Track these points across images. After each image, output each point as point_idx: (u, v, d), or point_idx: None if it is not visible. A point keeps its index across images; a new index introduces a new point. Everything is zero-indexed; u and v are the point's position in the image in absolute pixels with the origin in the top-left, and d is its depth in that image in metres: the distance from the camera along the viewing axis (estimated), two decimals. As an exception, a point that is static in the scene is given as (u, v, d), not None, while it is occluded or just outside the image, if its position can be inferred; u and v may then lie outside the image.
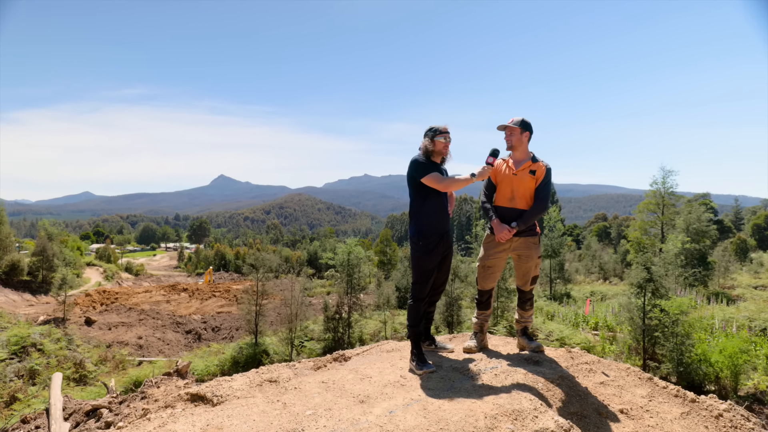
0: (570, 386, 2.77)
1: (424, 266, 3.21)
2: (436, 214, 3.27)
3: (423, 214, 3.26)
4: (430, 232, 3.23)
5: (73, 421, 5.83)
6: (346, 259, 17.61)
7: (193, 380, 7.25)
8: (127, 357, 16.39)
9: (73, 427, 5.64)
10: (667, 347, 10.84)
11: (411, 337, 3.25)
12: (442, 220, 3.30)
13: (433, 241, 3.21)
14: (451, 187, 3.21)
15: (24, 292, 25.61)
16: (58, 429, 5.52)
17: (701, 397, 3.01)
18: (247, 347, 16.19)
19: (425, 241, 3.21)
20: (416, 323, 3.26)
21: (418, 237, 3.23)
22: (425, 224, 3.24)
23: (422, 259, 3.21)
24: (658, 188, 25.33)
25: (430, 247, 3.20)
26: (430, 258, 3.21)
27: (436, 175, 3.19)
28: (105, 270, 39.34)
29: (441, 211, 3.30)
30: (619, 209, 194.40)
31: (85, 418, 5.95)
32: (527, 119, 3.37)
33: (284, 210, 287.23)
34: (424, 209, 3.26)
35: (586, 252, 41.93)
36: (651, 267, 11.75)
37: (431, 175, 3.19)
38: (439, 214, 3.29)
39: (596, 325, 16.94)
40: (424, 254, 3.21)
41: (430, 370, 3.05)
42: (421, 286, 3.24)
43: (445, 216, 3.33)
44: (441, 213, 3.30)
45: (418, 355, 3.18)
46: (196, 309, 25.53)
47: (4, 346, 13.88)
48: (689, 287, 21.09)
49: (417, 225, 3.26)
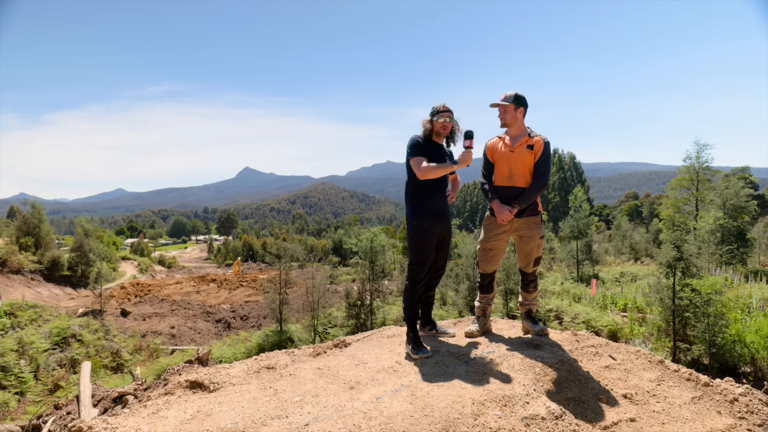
0: (570, 370, 2.66)
1: (419, 247, 3.15)
2: (431, 194, 3.19)
3: (418, 194, 3.19)
4: (425, 213, 3.15)
5: (101, 407, 6.12)
6: (369, 246, 17.67)
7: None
8: (160, 346, 17.12)
9: (101, 413, 5.93)
10: (698, 328, 10.40)
11: (407, 319, 3.20)
12: (438, 202, 3.21)
13: (428, 221, 3.14)
14: (428, 174, 3.07)
15: (65, 286, 27.06)
16: (87, 414, 5.81)
17: (716, 381, 2.83)
18: (273, 335, 16.61)
19: (420, 221, 3.14)
20: (413, 306, 3.20)
21: (414, 217, 3.17)
22: (420, 204, 3.17)
23: (418, 239, 3.15)
24: (692, 163, 24.11)
25: (424, 228, 3.13)
26: (426, 239, 3.14)
27: (419, 159, 3.10)
28: (139, 263, 41.04)
29: (437, 192, 3.21)
30: (651, 187, 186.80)
31: (112, 405, 6.24)
32: (521, 93, 3.19)
33: (309, 199, 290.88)
34: (419, 189, 3.19)
35: (616, 232, 40.58)
36: (682, 245, 11.24)
37: (417, 158, 3.11)
38: (435, 195, 3.19)
39: (625, 306, 16.44)
40: (419, 234, 3.14)
41: (425, 355, 2.99)
42: (417, 267, 3.17)
43: (441, 197, 3.23)
44: (437, 193, 3.20)
45: (414, 339, 3.13)
46: (225, 299, 26.34)
47: (47, 337, 14.75)
48: (725, 265, 20.10)
49: (412, 205, 3.20)
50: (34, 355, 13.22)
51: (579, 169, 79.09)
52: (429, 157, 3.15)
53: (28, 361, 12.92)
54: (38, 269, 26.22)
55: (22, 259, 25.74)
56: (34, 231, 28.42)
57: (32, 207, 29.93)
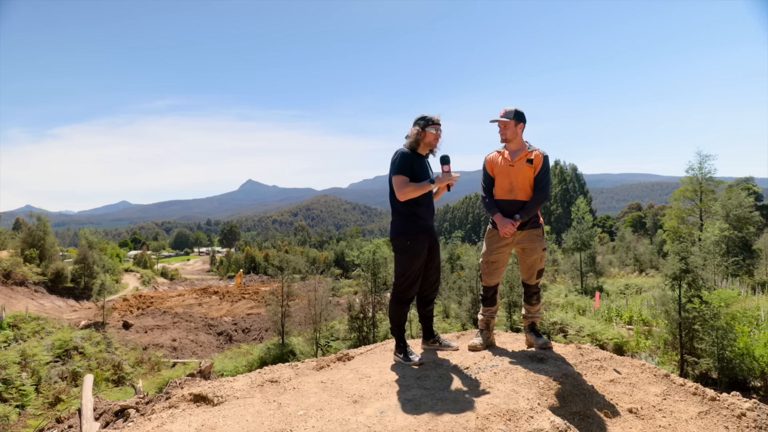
0: (574, 384, 2.65)
1: (412, 267, 3.05)
2: (424, 211, 3.12)
3: (411, 211, 3.08)
4: (418, 230, 3.07)
5: (103, 420, 6.09)
6: (371, 258, 17.66)
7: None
8: (162, 359, 17.03)
9: (102, 427, 5.89)
10: (706, 341, 10.27)
11: (396, 335, 3.20)
12: (430, 217, 3.17)
13: (421, 238, 3.07)
14: (409, 195, 2.98)
15: (68, 298, 27.07)
16: (89, 428, 5.78)
17: (723, 395, 2.81)
18: (275, 348, 16.51)
19: (413, 238, 3.05)
20: (402, 323, 3.18)
21: (405, 236, 3.06)
22: (412, 221, 3.08)
23: (412, 260, 3.04)
24: (694, 174, 24.11)
25: (418, 245, 3.05)
26: (417, 257, 3.05)
27: (402, 178, 2.99)
28: (142, 275, 41.06)
29: (428, 206, 3.16)
30: (654, 198, 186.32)
31: (114, 418, 6.20)
32: (520, 109, 3.24)
33: (311, 212, 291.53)
34: (413, 206, 3.08)
35: (620, 243, 40.41)
36: (687, 257, 11.16)
37: (399, 177, 3.00)
38: (427, 210, 3.14)
39: (630, 319, 16.28)
40: (412, 253, 3.04)
41: (418, 362, 3.00)
42: (407, 286, 3.07)
43: (432, 212, 3.20)
44: (428, 208, 3.16)
45: (404, 348, 3.13)
46: (227, 311, 26.25)
47: (49, 349, 14.70)
48: (731, 277, 19.94)
49: (404, 222, 3.09)
50: (36, 367, 13.18)
51: (581, 180, 79.12)
52: (413, 172, 3.05)
53: (30, 374, 12.87)
54: (42, 281, 26.26)
55: (26, 270, 25.82)
56: (38, 243, 28.56)
57: (38, 219, 30.12)
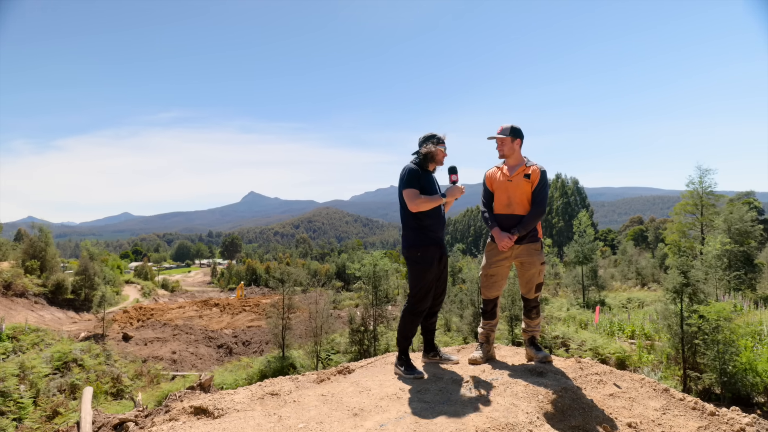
0: (574, 398, 2.66)
1: (425, 279, 3.14)
2: (434, 223, 3.23)
3: (421, 225, 3.20)
4: (429, 242, 3.18)
5: (101, 434, 6.07)
6: (372, 270, 17.64)
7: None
8: (161, 372, 16.91)
9: (101, 440, 5.86)
10: (708, 356, 10.20)
11: (401, 347, 3.23)
12: (440, 230, 3.27)
13: (432, 250, 3.17)
14: (421, 207, 3.13)
15: (68, 309, 27.00)
16: (88, 442, 5.75)
17: (722, 410, 2.81)
18: (275, 361, 16.40)
19: (423, 250, 3.16)
20: (410, 335, 3.23)
21: (416, 249, 3.18)
22: (423, 234, 3.19)
23: (424, 271, 3.14)
24: (695, 188, 24.21)
25: (429, 257, 3.15)
26: (430, 268, 3.16)
27: (413, 191, 3.14)
28: (143, 287, 40.97)
29: (438, 219, 3.26)
30: (656, 211, 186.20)
31: (112, 432, 6.19)
32: (516, 125, 3.32)
33: (312, 224, 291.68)
34: (423, 219, 3.20)
35: (621, 257, 40.31)
36: (688, 270, 11.16)
37: (411, 190, 3.14)
38: (436, 223, 3.24)
39: (632, 333, 16.16)
40: (424, 264, 3.15)
41: (419, 376, 3.02)
42: (421, 297, 3.17)
43: (442, 225, 3.30)
44: (438, 221, 3.26)
45: (406, 360, 3.16)
46: (227, 323, 26.13)
47: (49, 361, 14.63)
48: (733, 291, 19.84)
49: (414, 235, 3.21)
50: (35, 379, 13.10)
51: (582, 193, 79.27)
52: (422, 187, 3.19)
53: (29, 386, 12.79)
54: (42, 292, 26.23)
55: (26, 282, 25.81)
56: (40, 254, 28.59)
57: (39, 230, 30.21)
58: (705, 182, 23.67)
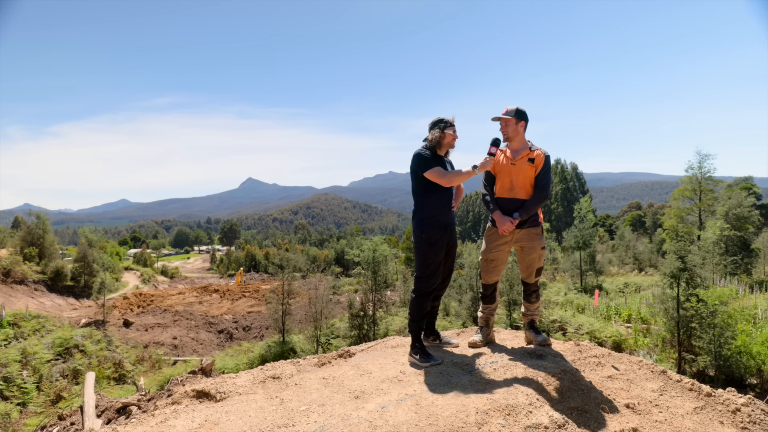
0: (573, 380, 2.68)
1: (428, 260, 3.20)
2: (439, 207, 3.25)
3: (426, 208, 3.25)
4: (434, 226, 3.21)
5: (105, 417, 6.13)
6: (371, 256, 17.70)
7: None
8: (162, 357, 17.08)
9: (105, 424, 5.93)
10: (704, 339, 10.34)
11: (412, 331, 3.24)
12: (446, 214, 3.28)
13: (436, 234, 3.19)
14: (454, 181, 3.18)
15: (68, 296, 27.10)
16: (91, 425, 5.81)
17: (718, 391, 2.85)
18: (275, 345, 16.56)
19: (428, 234, 3.20)
20: (420, 318, 3.25)
21: (422, 230, 3.22)
22: (428, 218, 3.23)
23: (427, 252, 3.20)
24: (694, 173, 24.19)
25: (433, 241, 3.19)
26: (435, 251, 3.19)
27: (438, 169, 3.17)
28: (142, 274, 41.09)
29: (444, 205, 3.28)
30: (654, 197, 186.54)
31: (116, 415, 6.24)
32: (521, 108, 3.27)
33: (311, 210, 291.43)
34: (427, 203, 3.25)
35: (619, 242, 40.52)
36: (685, 256, 11.23)
37: (434, 169, 3.17)
38: (443, 208, 3.27)
39: (629, 317, 16.35)
40: (428, 247, 3.19)
41: (436, 363, 3.03)
42: (426, 280, 3.22)
43: (448, 209, 3.31)
44: (444, 206, 3.28)
45: (421, 348, 3.17)
46: (228, 309, 26.30)
47: (50, 347, 14.75)
48: (730, 276, 20.00)
49: (420, 219, 3.26)
50: (37, 365, 13.22)
51: (581, 179, 79.20)
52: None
53: (31, 372, 12.92)
54: (41, 279, 26.28)
55: (25, 269, 25.84)
56: (38, 241, 28.56)
57: (37, 217, 30.11)
58: (704, 167, 23.64)
